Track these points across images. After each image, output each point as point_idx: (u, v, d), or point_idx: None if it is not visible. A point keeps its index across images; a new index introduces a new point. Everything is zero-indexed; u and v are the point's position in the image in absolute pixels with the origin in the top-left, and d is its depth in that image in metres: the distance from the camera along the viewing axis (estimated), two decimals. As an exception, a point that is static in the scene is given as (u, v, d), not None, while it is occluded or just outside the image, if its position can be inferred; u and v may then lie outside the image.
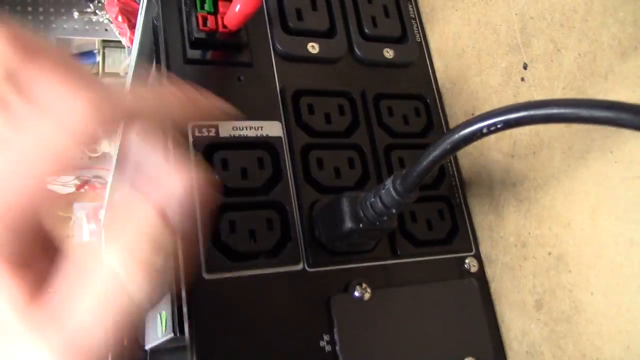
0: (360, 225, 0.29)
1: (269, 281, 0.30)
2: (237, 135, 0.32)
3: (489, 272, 0.36)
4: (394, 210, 0.27)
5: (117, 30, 0.99)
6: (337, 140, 0.35)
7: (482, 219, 0.36)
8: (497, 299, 0.35)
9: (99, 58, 1.15)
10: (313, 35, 0.36)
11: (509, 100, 0.34)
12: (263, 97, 0.34)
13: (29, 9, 1.01)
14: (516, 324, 0.34)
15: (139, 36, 0.43)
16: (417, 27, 0.41)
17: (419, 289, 0.33)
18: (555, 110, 0.21)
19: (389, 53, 0.38)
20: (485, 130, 0.23)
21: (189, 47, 0.33)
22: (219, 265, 0.29)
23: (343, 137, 0.35)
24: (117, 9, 0.62)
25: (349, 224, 0.29)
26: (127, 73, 1.12)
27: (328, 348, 0.30)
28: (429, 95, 0.39)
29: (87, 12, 0.99)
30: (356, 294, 0.31)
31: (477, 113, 0.35)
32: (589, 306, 0.29)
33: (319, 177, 0.33)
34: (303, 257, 0.31)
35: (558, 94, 0.30)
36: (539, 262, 0.32)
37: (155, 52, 0.38)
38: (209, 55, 0.33)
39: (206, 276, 0.29)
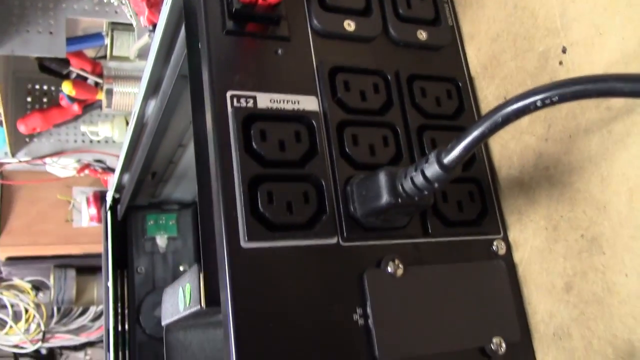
0: (399, 200, 0.29)
1: (304, 253, 0.30)
2: (274, 107, 0.32)
3: (517, 255, 0.36)
4: (436, 185, 0.28)
5: (129, 12, 0.98)
6: (372, 118, 0.35)
7: (512, 203, 0.36)
8: (524, 282, 0.35)
9: (107, 41, 1.14)
10: (349, 13, 0.36)
11: (544, 79, 0.34)
12: (300, 71, 0.34)
13: (40, -13, 1.00)
14: (544, 306, 0.34)
15: (166, 13, 0.43)
16: (450, 10, 0.41)
17: (449, 268, 0.33)
18: (613, 84, 0.21)
19: (422, 35, 0.38)
20: (539, 104, 0.23)
21: (228, 18, 0.33)
22: (257, 234, 0.29)
23: (377, 115, 0.35)
24: (136, -14, 0.62)
25: (386, 199, 0.29)
26: (137, 56, 1.11)
27: (361, 322, 0.30)
28: (460, 79, 0.39)
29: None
30: (389, 269, 0.31)
31: (510, 97, 0.35)
32: (622, 288, 0.29)
33: (353, 153, 0.33)
34: (338, 231, 0.31)
35: (598, 78, 0.30)
36: (570, 245, 0.32)
37: (187, 25, 0.38)
38: (247, 27, 0.33)
39: (244, 245, 0.29)
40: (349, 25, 0.36)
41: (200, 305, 0.36)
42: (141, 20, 0.65)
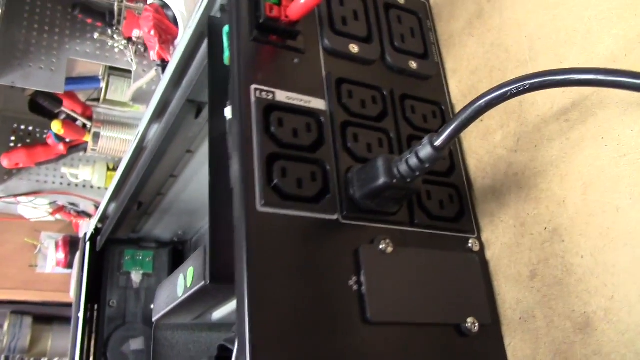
0: (394, 180, 0.34)
1: (309, 224, 0.35)
2: (290, 102, 0.38)
3: (489, 253, 0.41)
4: (427, 165, 0.33)
5: (130, 56, 1.05)
6: (370, 123, 0.40)
7: (485, 207, 0.42)
8: (494, 275, 0.40)
9: (102, 84, 1.20)
10: (354, 38, 0.43)
11: (514, 106, 0.40)
12: (311, 78, 0.40)
13: (46, 28, 1.06)
14: (511, 294, 0.39)
15: (189, 35, 0.49)
16: (436, 50, 0.48)
17: (432, 254, 0.38)
18: (571, 76, 0.28)
19: (413, 65, 0.45)
20: (514, 91, 0.29)
21: (255, 28, 0.39)
22: (271, 201, 0.34)
23: (374, 121, 0.41)
24: (152, 23, 0.68)
25: (383, 179, 0.34)
26: (132, 99, 1.16)
27: (355, 287, 0.34)
28: (444, 104, 0.45)
29: (105, 35, 1.05)
30: (381, 246, 0.36)
31: (485, 119, 0.42)
32: (579, 268, 0.34)
33: (354, 148, 0.38)
34: (338, 209, 0.36)
35: (559, 98, 0.37)
36: (535, 238, 0.37)
37: (209, 40, 0.44)
38: (270, 37, 0.39)
39: (259, 209, 0.33)
40: (353, 48, 0.42)
41: (205, 280, 0.39)
42: (151, 55, 0.71)
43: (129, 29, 1.03)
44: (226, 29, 0.42)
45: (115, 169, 1.43)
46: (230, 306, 0.50)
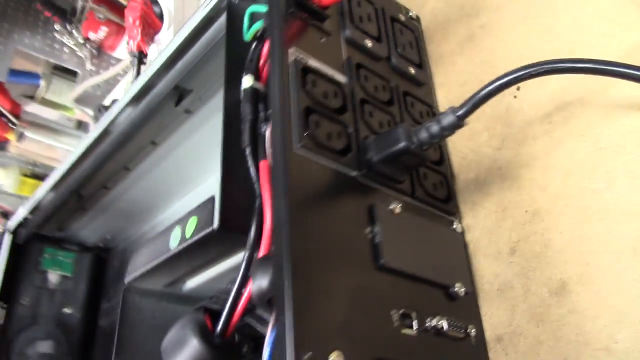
0: (412, 145, 0.38)
1: (334, 175, 0.38)
2: (320, 69, 0.41)
3: (469, 236, 0.46)
4: (445, 133, 0.38)
5: (84, 55, 1.04)
6: (381, 105, 0.45)
7: (467, 198, 0.47)
8: (473, 254, 0.45)
9: (42, 82, 1.17)
10: (368, 35, 0.48)
11: (501, 112, 0.47)
12: (335, 57, 0.44)
13: (-4, 14, 1.03)
14: (490, 270, 0.43)
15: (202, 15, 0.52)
16: (428, 65, 0.54)
17: (428, 223, 0.42)
18: (573, 64, 0.34)
19: (412, 71, 0.51)
20: (534, 72, 0.35)
21: (293, 5, 0.43)
22: (307, 144, 0.37)
23: (385, 105, 0.45)
24: (139, 14, 0.69)
25: (403, 142, 0.38)
26: (77, 104, 1.14)
27: (369, 236, 0.37)
28: (435, 108, 0.51)
29: (61, 32, 1.03)
30: (391, 206, 0.40)
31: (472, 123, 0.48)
32: (558, 242, 0.40)
33: (370, 122, 0.43)
34: (357, 168, 0.40)
35: (544, 104, 0.44)
36: (516, 220, 0.43)
37: (228, 17, 0.47)
38: (303, 15, 0.44)
39: (296, 150, 0.36)
40: (368, 43, 0.48)
41: (213, 225, 0.41)
42: (129, 45, 0.72)
43: (86, 29, 1.03)
44: (251, 9, 0.46)
45: (31, 176, 1.36)
46: (206, 275, 0.50)
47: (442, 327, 0.38)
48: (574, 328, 0.37)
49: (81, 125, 1.33)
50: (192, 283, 0.50)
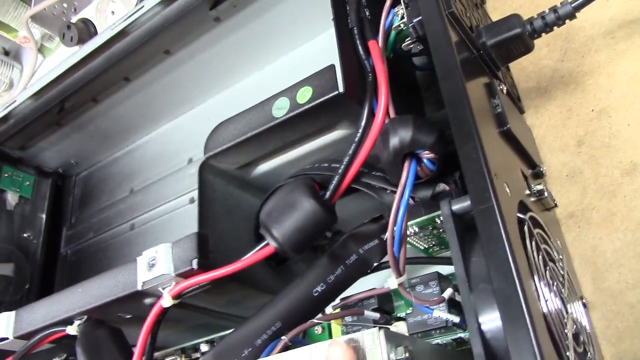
0: (526, 32, 0.43)
1: (466, 47, 0.41)
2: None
3: (534, 133, 0.51)
4: (560, 22, 0.43)
5: None
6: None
7: (528, 104, 0.53)
8: (539, 148, 0.50)
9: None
10: None
11: (561, 31, 0.53)
12: None
13: None
14: (557, 160, 0.49)
15: None
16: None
17: (518, 111, 0.47)
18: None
19: None
20: None
21: None
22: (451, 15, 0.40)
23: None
24: None
25: (517, 28, 0.43)
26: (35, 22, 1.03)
27: (493, 106, 0.42)
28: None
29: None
30: (500, 87, 0.44)
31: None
32: (625, 132, 0.47)
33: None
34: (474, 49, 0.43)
35: (605, 23, 0.51)
36: (581, 118, 0.49)
37: None
38: None
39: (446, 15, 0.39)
40: None
41: (339, 90, 0.42)
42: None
43: None
44: None
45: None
46: (280, 160, 0.51)
47: (544, 194, 0.43)
48: (647, 198, 0.44)
49: (9, 54, 1.22)
50: (264, 167, 0.50)
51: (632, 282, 0.41)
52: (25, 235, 0.83)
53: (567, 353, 0.31)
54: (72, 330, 0.49)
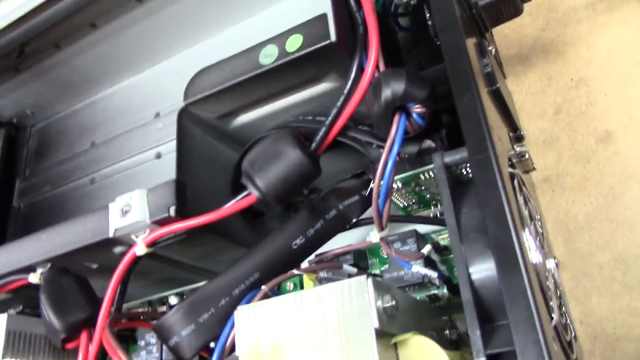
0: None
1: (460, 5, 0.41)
2: None
3: (514, 99, 0.52)
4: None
5: None
6: None
7: (509, 70, 0.53)
8: (519, 112, 0.51)
9: None
10: None
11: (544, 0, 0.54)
12: None
13: None
14: (535, 126, 0.50)
15: None
16: None
17: (502, 75, 0.48)
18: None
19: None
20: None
21: None
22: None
23: None
24: None
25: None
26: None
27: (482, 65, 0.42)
28: None
29: None
30: (490, 47, 0.44)
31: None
32: (602, 102, 0.48)
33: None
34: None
35: (587, -5, 0.52)
36: (560, 86, 0.50)
37: None
38: None
39: None
40: None
41: (331, 39, 0.41)
42: None
43: None
44: None
45: None
46: (260, 112, 0.50)
47: (525, 156, 0.44)
48: (620, 165, 0.45)
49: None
50: (245, 118, 0.49)
51: (602, 244, 0.43)
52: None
53: (551, 303, 0.32)
54: (34, 278, 0.47)
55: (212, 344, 0.39)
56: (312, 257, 0.44)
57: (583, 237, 0.44)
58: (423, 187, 0.44)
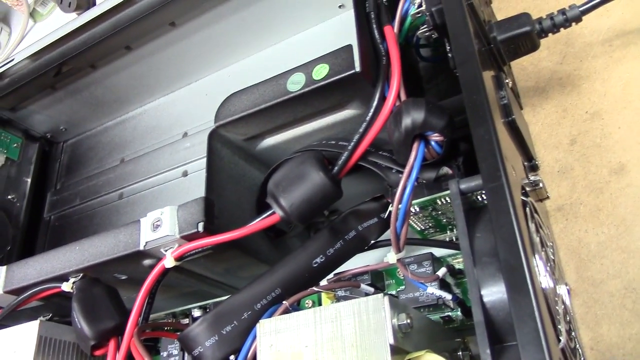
0: (535, 31, 0.45)
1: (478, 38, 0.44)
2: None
3: (530, 129, 0.54)
4: (567, 24, 0.45)
5: None
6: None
7: (526, 102, 0.55)
8: (535, 143, 0.53)
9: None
10: None
11: (562, 35, 0.56)
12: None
13: None
14: (550, 156, 0.52)
15: None
16: None
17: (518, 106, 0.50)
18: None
19: None
20: None
21: None
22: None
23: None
24: None
25: (527, 26, 0.45)
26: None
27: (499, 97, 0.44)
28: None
29: None
30: (506, 80, 0.46)
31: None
32: (616, 134, 0.50)
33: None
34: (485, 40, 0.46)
35: (604, 32, 0.53)
36: (576, 119, 0.52)
37: None
38: None
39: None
40: None
41: (356, 69, 0.44)
42: None
43: None
44: None
45: None
46: (286, 135, 0.52)
47: (539, 185, 0.45)
48: (632, 196, 0.47)
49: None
50: (271, 141, 0.51)
51: (613, 272, 0.44)
52: (9, 197, 0.82)
53: (559, 326, 0.33)
54: (67, 287, 0.50)
55: (232, 357, 0.41)
56: (330, 275, 0.46)
57: (595, 265, 0.45)
58: (439, 212, 0.45)
